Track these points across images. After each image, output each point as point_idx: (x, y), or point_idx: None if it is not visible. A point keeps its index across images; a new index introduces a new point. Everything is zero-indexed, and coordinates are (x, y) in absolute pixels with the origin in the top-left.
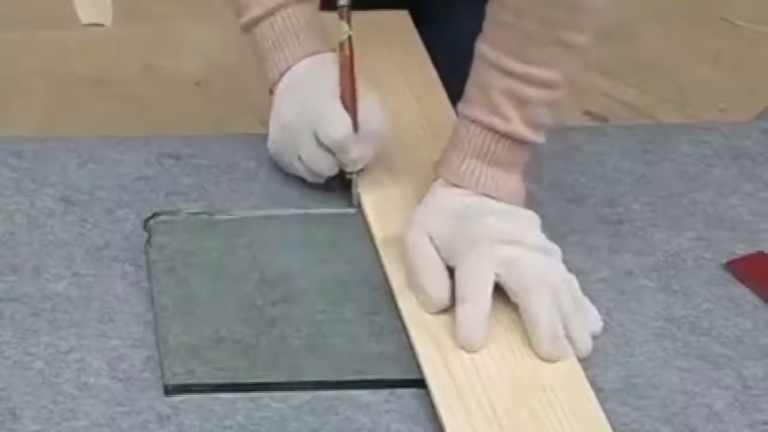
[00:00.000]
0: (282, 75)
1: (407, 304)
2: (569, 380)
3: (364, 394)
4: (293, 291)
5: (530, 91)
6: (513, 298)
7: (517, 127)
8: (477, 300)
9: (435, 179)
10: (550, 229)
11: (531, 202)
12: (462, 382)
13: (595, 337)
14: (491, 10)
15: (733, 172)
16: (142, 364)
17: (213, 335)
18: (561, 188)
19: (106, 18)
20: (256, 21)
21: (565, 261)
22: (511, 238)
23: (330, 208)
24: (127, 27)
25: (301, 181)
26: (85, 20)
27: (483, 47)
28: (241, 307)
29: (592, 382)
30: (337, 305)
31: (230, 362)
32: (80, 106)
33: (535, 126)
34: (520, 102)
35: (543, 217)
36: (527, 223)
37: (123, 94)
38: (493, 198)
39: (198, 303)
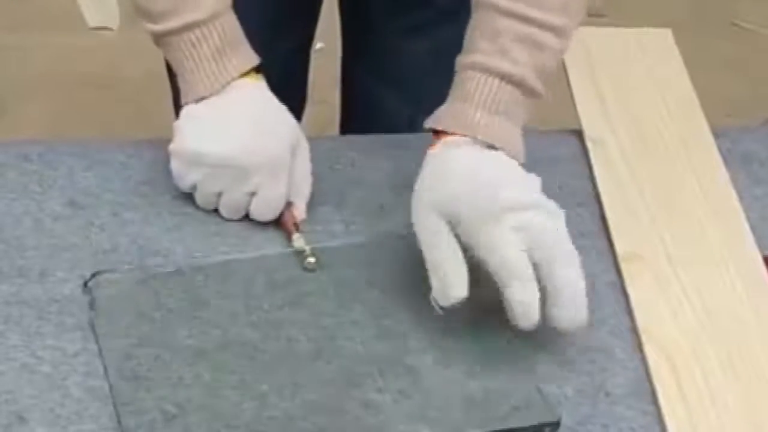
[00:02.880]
0: (223, 86)
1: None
2: None
3: (373, 394)
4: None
5: (547, 38)
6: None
7: (528, 73)
8: (524, 277)
9: (436, 140)
10: None
11: None
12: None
13: None
14: None
15: (741, 176)
16: (148, 365)
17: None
18: (571, 192)
19: (113, 21)
20: (191, 26)
21: None
22: (527, 205)
23: None
24: (134, 30)
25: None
26: (91, 23)
27: None
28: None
29: (601, 386)
30: (344, 308)
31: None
32: (87, 110)
33: (543, 75)
34: (535, 48)
35: None
36: (535, 186)
37: (130, 97)
38: (501, 150)
39: (203, 307)
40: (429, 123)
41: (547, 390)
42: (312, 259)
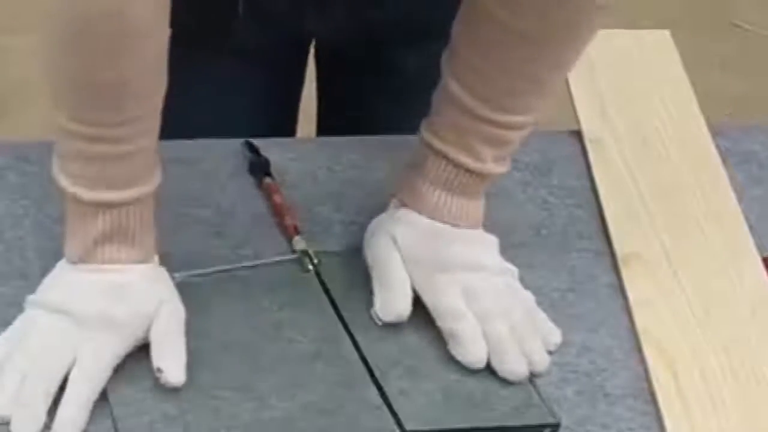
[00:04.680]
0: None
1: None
2: None
3: (373, 395)
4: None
5: (511, 136)
6: None
7: (490, 166)
8: (466, 317)
9: (398, 205)
10: (558, 233)
11: (540, 205)
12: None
13: (551, 352)
14: (458, 44)
15: (740, 176)
16: (148, 366)
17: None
18: (569, 193)
19: None
20: (85, 203)
21: (573, 266)
22: (474, 265)
23: None
24: None
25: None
26: None
27: (456, 89)
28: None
29: (600, 387)
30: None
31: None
32: None
33: (504, 161)
34: (499, 144)
35: (551, 221)
36: (487, 248)
37: None
38: (459, 226)
39: (203, 308)
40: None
41: (547, 391)
42: (314, 261)
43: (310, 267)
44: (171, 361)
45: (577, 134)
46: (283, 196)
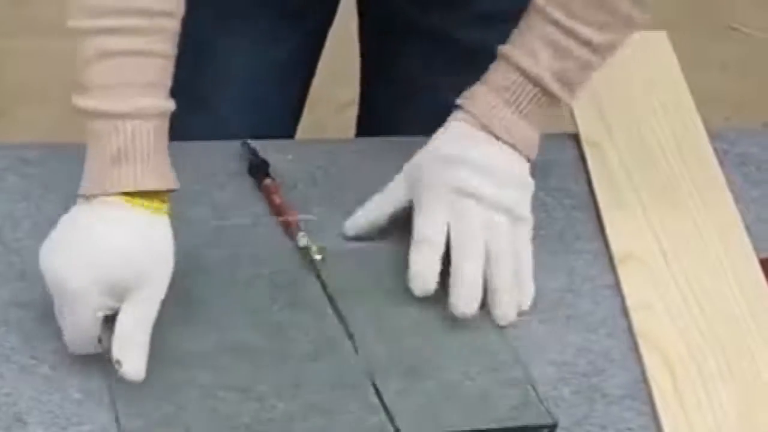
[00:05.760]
0: (116, 194)
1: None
2: None
3: (372, 395)
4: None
5: (570, 44)
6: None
7: (544, 73)
8: (433, 241)
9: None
10: (556, 234)
11: (538, 207)
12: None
13: (521, 313)
14: None
15: (737, 178)
16: (148, 366)
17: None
18: (567, 195)
19: None
20: (101, 116)
21: (571, 267)
22: (473, 192)
23: None
24: None
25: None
26: None
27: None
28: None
29: (598, 388)
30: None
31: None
32: None
33: (562, 81)
34: (556, 51)
35: (549, 222)
36: (511, 185)
37: None
38: (500, 139)
39: (203, 308)
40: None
41: (544, 391)
42: (318, 256)
43: (317, 257)
44: (133, 354)
45: (575, 137)
46: (285, 195)
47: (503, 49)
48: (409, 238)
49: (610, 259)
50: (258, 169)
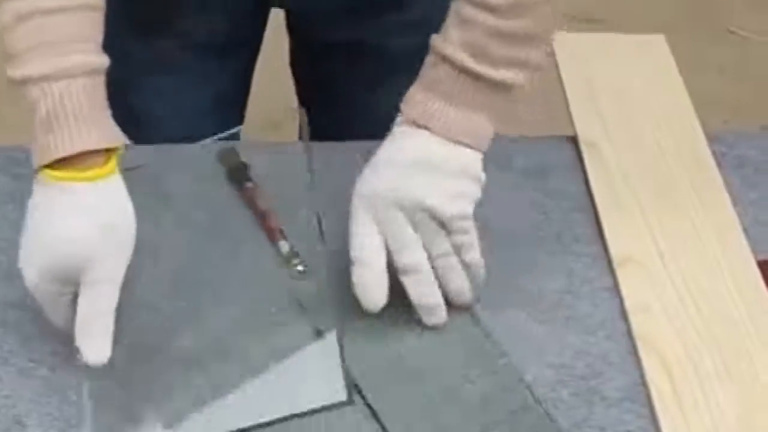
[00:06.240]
0: (54, 172)
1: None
2: None
3: (371, 399)
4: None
5: (470, 12)
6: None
7: (454, 48)
8: (372, 263)
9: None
10: (555, 236)
11: (537, 209)
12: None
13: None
14: None
15: (735, 181)
16: (144, 371)
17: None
18: (566, 197)
19: None
20: (28, 81)
21: (569, 269)
22: (398, 198)
23: None
24: None
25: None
26: None
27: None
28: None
29: (597, 390)
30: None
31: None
32: None
33: (476, 54)
34: (462, 23)
35: (548, 224)
36: (445, 179)
37: None
38: (429, 130)
39: (200, 312)
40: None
41: (543, 393)
42: (301, 267)
43: (300, 268)
44: (89, 338)
45: (573, 139)
46: (266, 198)
47: (436, 44)
48: None
49: (609, 261)
50: (237, 174)
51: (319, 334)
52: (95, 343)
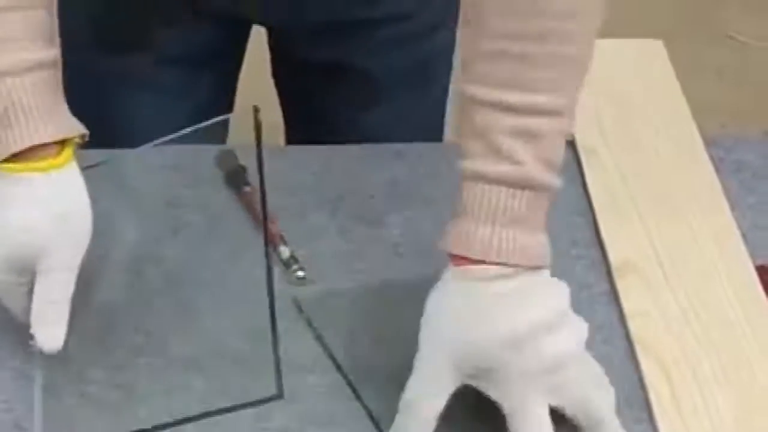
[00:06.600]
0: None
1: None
2: None
3: (370, 404)
4: None
5: (540, 123)
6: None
7: (533, 169)
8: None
9: (451, 264)
10: (553, 241)
11: None
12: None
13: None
14: (467, 45)
15: (733, 185)
16: (142, 374)
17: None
18: (564, 201)
19: None
20: None
21: (569, 274)
22: (555, 363)
23: None
24: None
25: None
26: None
27: (470, 88)
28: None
29: None
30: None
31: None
32: None
33: (551, 165)
34: (531, 138)
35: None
36: (563, 303)
37: None
38: (517, 267)
39: (198, 315)
40: (441, 244)
41: None
42: (300, 273)
43: (300, 273)
44: (43, 326)
45: (571, 143)
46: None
47: (467, 166)
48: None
49: (607, 265)
50: (235, 178)
51: (318, 338)
52: (50, 331)
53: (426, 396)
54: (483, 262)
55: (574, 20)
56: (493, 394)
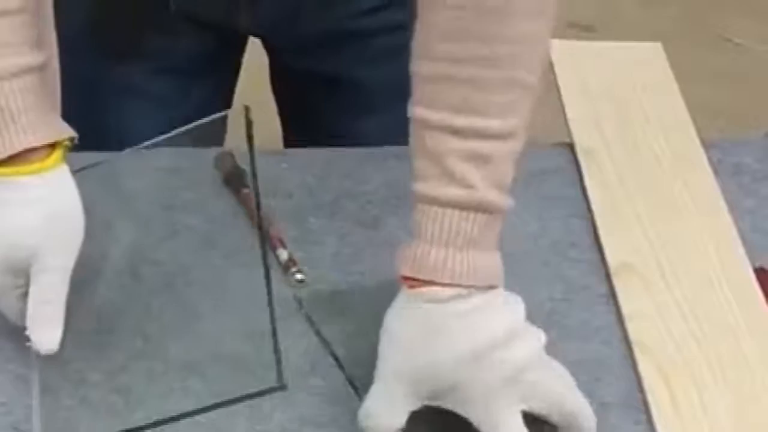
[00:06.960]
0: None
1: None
2: None
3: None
4: None
5: (492, 147)
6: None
7: (486, 193)
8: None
9: (403, 285)
10: (551, 243)
11: (533, 215)
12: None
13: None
14: (417, 65)
15: (732, 187)
16: (141, 377)
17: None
18: (562, 204)
19: None
20: None
21: (566, 276)
22: (516, 372)
23: None
24: None
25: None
26: None
27: (419, 111)
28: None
29: (594, 396)
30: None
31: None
32: None
33: (503, 187)
34: (483, 162)
35: (544, 231)
36: (519, 317)
37: None
38: (471, 288)
39: (198, 318)
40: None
41: None
42: (300, 276)
43: (299, 276)
44: (38, 328)
45: (570, 145)
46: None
47: (419, 189)
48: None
49: (606, 268)
50: (234, 180)
51: (319, 339)
52: (46, 333)
53: (384, 415)
54: (437, 283)
55: (524, 44)
56: (461, 411)
